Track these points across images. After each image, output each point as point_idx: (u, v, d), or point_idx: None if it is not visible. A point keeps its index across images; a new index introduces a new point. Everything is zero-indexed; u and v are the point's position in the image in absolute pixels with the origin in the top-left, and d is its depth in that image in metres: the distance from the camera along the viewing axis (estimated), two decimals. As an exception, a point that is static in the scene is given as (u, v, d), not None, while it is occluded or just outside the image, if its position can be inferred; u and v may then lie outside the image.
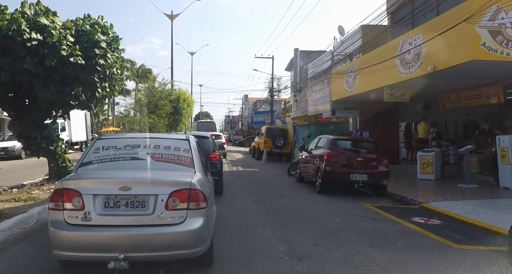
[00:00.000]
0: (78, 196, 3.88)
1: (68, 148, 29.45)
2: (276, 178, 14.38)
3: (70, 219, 3.86)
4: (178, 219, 3.92)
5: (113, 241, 3.83)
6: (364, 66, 16.12)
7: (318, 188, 10.65)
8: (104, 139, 5.02)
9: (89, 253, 3.85)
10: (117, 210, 3.91)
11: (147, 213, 3.90)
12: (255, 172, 16.16)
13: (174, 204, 3.93)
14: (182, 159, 4.67)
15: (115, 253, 3.72)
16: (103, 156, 4.62)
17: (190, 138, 5.18)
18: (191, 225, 3.93)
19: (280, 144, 23.28)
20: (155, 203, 3.91)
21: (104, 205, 3.91)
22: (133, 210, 3.92)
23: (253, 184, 12.34)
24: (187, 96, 33.42)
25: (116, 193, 3.91)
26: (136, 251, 3.83)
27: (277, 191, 11.05)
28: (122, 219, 3.89)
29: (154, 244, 3.89)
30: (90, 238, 3.83)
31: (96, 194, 3.91)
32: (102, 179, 4.21)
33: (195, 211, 3.99)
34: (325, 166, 10.27)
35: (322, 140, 11.66)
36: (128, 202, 3.92)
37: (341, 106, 21.19)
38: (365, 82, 16.41)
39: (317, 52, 34.65)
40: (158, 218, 3.89)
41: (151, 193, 3.95)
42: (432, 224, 7.32)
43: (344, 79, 18.84)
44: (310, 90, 25.29)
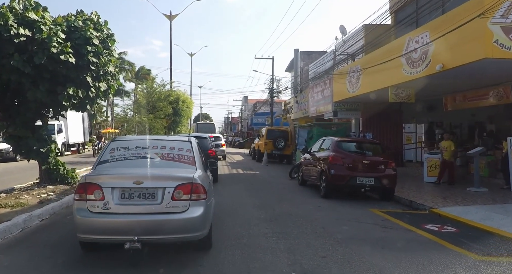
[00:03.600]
0: (99, 189, 4.54)
1: (65, 150, 29.01)
2: (278, 181, 13.90)
3: (92, 208, 4.53)
4: (182, 208, 4.59)
5: (129, 226, 4.48)
6: (367, 65, 15.66)
7: (322, 192, 10.17)
8: (118, 141, 5.78)
9: (109, 236, 4.54)
10: (132, 201, 4.57)
11: (156, 203, 4.57)
12: (256, 175, 15.68)
13: (179, 196, 4.60)
14: (185, 158, 5.36)
15: (130, 236, 4.38)
16: (118, 156, 5.32)
17: (191, 140, 5.87)
18: (193, 213, 4.59)
19: (281, 146, 22.79)
20: (163, 195, 4.57)
21: (121, 196, 4.57)
22: (145, 200, 4.58)
23: (254, 187, 11.85)
24: (186, 97, 32.92)
25: (130, 186, 4.57)
26: (148, 234, 4.49)
27: (279, 195, 10.57)
28: (135, 208, 4.56)
29: (162, 229, 4.55)
30: (109, 223, 4.52)
31: (114, 187, 4.57)
32: (119, 175, 4.86)
33: (196, 202, 4.65)
34: (330, 169, 9.79)
35: (326, 142, 11.19)
36: (141, 194, 4.58)
37: (343, 107, 20.72)
38: (369, 82, 15.95)
39: (318, 52, 34.22)
40: (165, 207, 4.55)
41: (160, 186, 4.60)
42: (447, 232, 6.84)
43: (346, 79, 18.38)
44: (311, 91, 24.83)
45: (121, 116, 23.53)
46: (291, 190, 11.52)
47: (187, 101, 32.57)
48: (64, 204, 8.25)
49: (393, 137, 20.19)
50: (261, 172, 16.88)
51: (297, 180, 13.75)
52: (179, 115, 30.76)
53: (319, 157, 10.88)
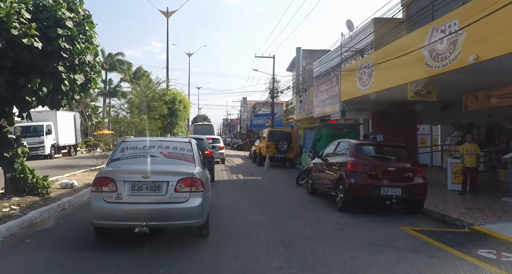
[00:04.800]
0: (113, 182, 5.28)
1: (55, 152, 27.42)
2: (283, 188, 12.36)
3: (107, 198, 5.28)
4: (183, 199, 5.34)
5: (138, 213, 5.24)
6: (382, 60, 14.15)
7: (339, 205, 8.64)
8: (127, 142, 6.56)
9: (121, 221, 5.35)
10: (140, 192, 5.32)
11: (161, 194, 5.32)
12: (258, 181, 14.13)
13: (180, 188, 5.33)
14: (186, 156, 6.12)
15: (139, 222, 5.15)
16: (128, 154, 6.08)
17: (191, 140, 6.69)
18: (193, 203, 5.35)
19: (284, 149, 21.23)
20: (167, 187, 5.32)
21: (131, 188, 5.32)
22: (152, 192, 5.33)
23: (257, 197, 10.31)
24: (183, 97, 31.35)
25: (139, 180, 5.31)
26: (154, 221, 5.27)
27: (289, 207, 9.01)
28: (144, 198, 5.31)
29: (166, 216, 5.34)
30: (122, 211, 5.27)
31: (126, 181, 5.30)
32: (129, 170, 5.61)
33: (195, 193, 5.39)
34: (349, 178, 8.27)
35: (342, 145, 9.66)
36: (148, 186, 5.32)
37: (352, 107, 19.21)
38: (383, 79, 14.44)
39: (321, 51, 32.76)
40: (169, 197, 5.31)
41: (164, 180, 5.34)
42: (509, 262, 5.31)
43: (356, 77, 16.87)
44: (316, 90, 23.32)
45: (112, 116, 21.88)
46: (301, 201, 9.98)
47: (184, 101, 31.00)
48: (26, 222, 6.68)
49: (406, 139, 18.47)
50: (264, 178, 15.33)
51: (305, 188, 12.23)
52: (175, 116, 29.19)
53: (334, 163, 9.36)
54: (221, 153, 23.05)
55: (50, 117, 27.13)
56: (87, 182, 11.92)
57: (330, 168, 9.55)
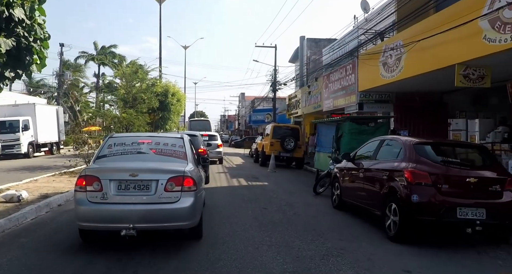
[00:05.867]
0: (98, 181, 4.99)
1: (33, 151, 24.57)
2: (299, 199, 9.62)
3: (91, 198, 4.97)
4: (174, 199, 5.04)
5: (125, 214, 4.93)
6: (417, 39, 11.45)
7: (391, 232, 5.91)
8: (115, 138, 6.16)
9: (106, 223, 5.00)
10: (128, 192, 5.04)
11: (150, 193, 5.03)
12: (265, 189, 11.36)
13: (171, 187, 5.04)
14: (177, 153, 5.82)
15: (126, 224, 4.82)
16: (115, 151, 5.79)
17: (184, 136, 6.32)
18: (184, 203, 5.05)
19: (290, 147, 18.51)
20: (156, 186, 5.03)
21: (118, 187, 5.04)
22: (140, 191, 5.05)
23: (268, 216, 7.48)
24: (177, 90, 28.54)
25: (126, 178, 5.03)
26: (142, 222, 4.94)
27: (317, 235, 6.19)
28: (131, 198, 5.01)
29: (155, 217, 5.02)
30: (107, 212, 4.98)
31: (111, 179, 5.03)
32: (116, 168, 5.36)
33: (187, 193, 5.10)
34: (410, 194, 5.56)
35: (389, 144, 6.94)
36: (136, 185, 5.05)
37: (371, 98, 16.52)
38: (418, 61, 11.75)
39: (327, 40, 30.02)
40: (158, 197, 5.00)
41: (153, 179, 5.06)
42: None
43: (379, 61, 14.16)
44: (326, 80, 20.60)
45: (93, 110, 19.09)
46: (330, 222, 7.17)
47: (177, 94, 28.22)
48: None
49: (435, 136, 15.79)
50: (271, 184, 12.57)
51: (326, 197, 9.55)
52: (167, 110, 26.44)
53: (377, 170, 6.65)
54: (218, 152, 20.31)
55: (28, 112, 24.32)
56: (46, 191, 9.21)
57: (370, 177, 6.84)
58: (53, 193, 8.97)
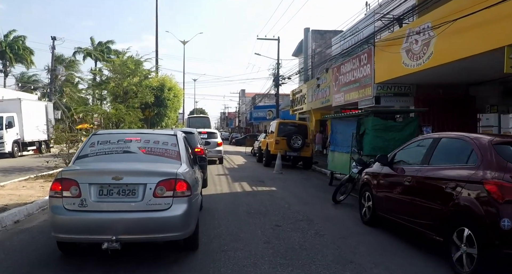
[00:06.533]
0: (76, 185, 4.31)
1: (19, 150, 22.78)
2: (318, 212, 7.80)
3: (68, 205, 4.29)
4: (165, 206, 4.33)
5: (106, 224, 4.23)
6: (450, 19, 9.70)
7: (467, 270, 4.15)
8: (99, 135, 5.51)
9: (85, 235, 4.30)
10: (110, 197, 4.34)
11: (137, 200, 4.32)
12: (274, 196, 9.56)
13: (161, 192, 4.34)
14: (169, 152, 5.12)
15: (108, 236, 4.15)
16: (98, 150, 5.10)
17: (177, 133, 5.60)
18: (176, 211, 4.34)
19: (298, 146, 16.76)
20: (144, 191, 4.33)
21: (99, 193, 4.34)
22: (124, 197, 4.35)
23: (284, 238, 5.64)
24: (174, 84, 26.75)
25: (109, 182, 4.34)
26: (127, 234, 4.25)
27: (358, 272, 4.49)
28: (114, 205, 4.31)
29: (143, 228, 4.31)
30: (86, 222, 4.27)
31: (92, 183, 4.34)
32: (97, 170, 4.68)
33: (179, 199, 4.40)
34: (497, 216, 3.84)
35: (450, 144, 5.18)
36: (120, 190, 4.34)
37: (389, 91, 14.77)
38: (452, 45, 10.01)
39: (333, 32, 28.26)
40: (146, 204, 4.30)
41: (141, 182, 4.37)
42: None
43: (401, 48, 12.42)
44: (335, 72, 18.82)
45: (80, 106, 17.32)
46: (367, 248, 5.32)
47: (174, 89, 26.44)
48: None
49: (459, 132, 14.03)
50: (280, 188, 10.81)
51: (347, 207, 7.83)
52: (163, 105, 24.69)
53: (435, 179, 4.90)
54: (218, 151, 18.57)
55: (13, 108, 22.51)
56: (7, 202, 7.49)
57: (424, 188, 5.09)
58: (13, 205, 7.25)
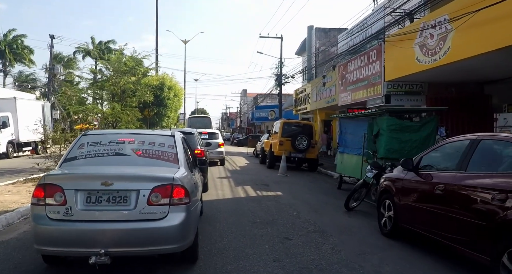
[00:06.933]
0: (60, 191, 3.88)
1: (13, 151, 22.10)
2: (331, 221, 7.05)
3: (52, 214, 3.87)
4: (160, 215, 3.89)
5: (94, 236, 3.81)
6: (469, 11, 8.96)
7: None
8: (89, 135, 5.00)
9: (71, 248, 3.85)
10: (99, 205, 3.89)
11: (128, 208, 3.87)
12: (280, 202, 8.77)
13: (156, 199, 3.90)
14: (166, 155, 4.66)
15: (96, 248, 3.72)
16: (87, 152, 4.63)
17: (175, 134, 5.12)
18: (173, 221, 3.89)
19: (303, 147, 16.03)
20: (137, 198, 3.88)
21: (86, 200, 3.89)
22: (115, 205, 3.89)
23: (296, 255, 4.83)
24: (174, 84, 26.02)
25: (98, 188, 3.89)
26: (117, 246, 3.82)
27: None
28: (103, 214, 3.87)
29: (135, 239, 3.86)
30: (72, 233, 3.83)
31: (78, 189, 3.90)
32: (84, 174, 4.23)
33: (177, 207, 3.95)
34: None
35: (492, 148, 4.44)
36: (110, 197, 3.90)
37: (400, 89, 14.03)
38: (473, 39, 9.26)
39: (337, 29, 27.52)
40: (139, 213, 3.85)
41: (133, 188, 3.92)
42: None
43: (415, 44, 11.68)
44: (342, 70, 18.07)
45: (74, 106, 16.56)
46: (394, 269, 4.65)
47: (174, 88, 25.72)
48: None
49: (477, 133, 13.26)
50: (286, 193, 10.06)
51: (361, 215, 7.10)
52: (163, 105, 23.98)
53: (476, 188, 4.17)
54: (219, 152, 17.84)
55: (8, 107, 21.82)
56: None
57: (461, 199, 4.35)
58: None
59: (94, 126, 19.38)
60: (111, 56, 18.28)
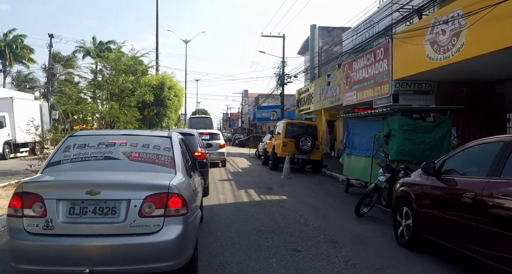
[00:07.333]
0: (40, 201, 3.44)
1: (10, 151, 21.61)
2: (342, 229, 6.53)
3: (30, 228, 3.43)
4: (154, 228, 3.44)
5: (78, 253, 3.37)
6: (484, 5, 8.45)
7: None
8: (76, 136, 4.53)
9: (52, 266, 3.39)
10: (84, 217, 3.44)
11: (118, 220, 3.43)
12: (286, 207, 8.18)
13: (149, 210, 3.45)
14: (161, 159, 4.18)
15: (81, 267, 3.31)
16: (73, 155, 4.17)
17: (172, 135, 4.64)
18: (169, 234, 3.44)
19: (307, 148, 15.52)
20: (127, 209, 3.44)
21: (69, 211, 3.45)
22: (102, 217, 3.44)
23: (306, 269, 4.19)
24: (174, 83, 25.53)
25: (82, 198, 3.45)
26: (105, 265, 3.38)
27: None
28: (89, 228, 3.42)
29: (125, 257, 3.40)
30: (52, 249, 3.38)
31: (60, 199, 3.46)
32: (67, 182, 3.77)
33: (173, 218, 3.50)
34: None
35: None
36: (97, 208, 3.45)
37: (408, 89, 13.51)
38: (489, 35, 8.75)
39: (341, 28, 26.99)
40: (130, 226, 3.41)
41: (123, 198, 3.47)
42: None
43: (425, 40, 11.17)
44: (347, 69, 17.55)
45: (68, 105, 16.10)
46: None
47: (175, 88, 25.22)
48: None
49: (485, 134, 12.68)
50: (291, 197, 9.54)
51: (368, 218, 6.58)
52: (163, 105, 23.50)
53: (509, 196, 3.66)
54: (221, 153, 17.34)
55: (4, 107, 21.34)
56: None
57: (496, 209, 3.83)
58: (-26, 220, 6.02)
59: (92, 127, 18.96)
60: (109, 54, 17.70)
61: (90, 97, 17.48)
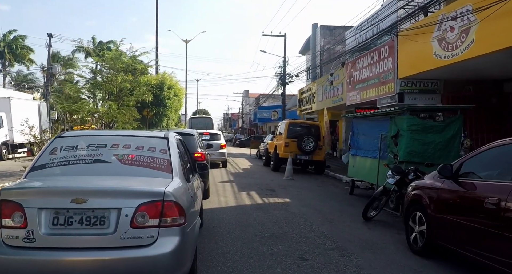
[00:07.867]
0: (20, 210, 3.12)
1: (7, 152, 21.27)
2: (350, 234, 6.18)
3: (8, 240, 3.11)
4: (147, 240, 3.11)
5: (62, 268, 3.04)
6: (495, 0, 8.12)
7: None
8: (64, 138, 4.15)
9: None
10: (69, 229, 3.12)
11: (107, 232, 3.11)
12: (290, 211, 7.84)
13: (142, 220, 3.13)
14: (157, 162, 3.82)
15: None
16: (60, 158, 3.81)
17: (169, 136, 4.26)
18: (164, 247, 3.11)
19: (309, 148, 15.18)
20: (117, 219, 3.11)
21: (53, 221, 3.12)
22: (90, 228, 3.12)
23: None
24: (174, 83, 25.19)
25: (67, 207, 3.13)
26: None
27: None
28: (75, 240, 3.10)
29: (115, 272, 3.06)
30: (33, 264, 3.05)
31: (43, 208, 3.14)
32: (50, 188, 3.39)
33: (169, 229, 3.18)
34: None
35: None
36: (83, 218, 3.13)
37: (414, 87, 13.16)
38: (500, 31, 8.41)
39: (342, 27, 26.66)
40: (121, 238, 3.09)
41: (113, 207, 3.15)
42: None
43: (432, 38, 10.83)
44: (350, 68, 17.20)
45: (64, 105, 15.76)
46: None
47: (175, 88, 24.88)
48: None
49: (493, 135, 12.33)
50: (295, 200, 9.20)
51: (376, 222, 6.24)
52: (163, 105, 23.16)
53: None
54: (221, 154, 17.00)
55: (1, 107, 21.05)
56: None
57: None
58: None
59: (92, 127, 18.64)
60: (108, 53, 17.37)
61: (88, 97, 17.13)
